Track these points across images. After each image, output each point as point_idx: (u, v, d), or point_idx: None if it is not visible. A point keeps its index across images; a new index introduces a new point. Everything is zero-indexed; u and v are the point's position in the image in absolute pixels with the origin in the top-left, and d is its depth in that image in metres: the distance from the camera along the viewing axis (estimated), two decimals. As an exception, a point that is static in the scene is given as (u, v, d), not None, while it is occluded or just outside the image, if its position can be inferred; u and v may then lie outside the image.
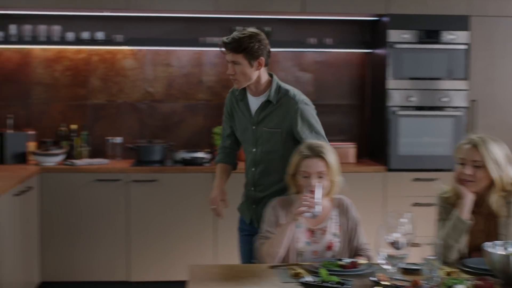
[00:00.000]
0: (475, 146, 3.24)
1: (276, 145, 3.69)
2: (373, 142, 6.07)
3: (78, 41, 5.82)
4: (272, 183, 3.73)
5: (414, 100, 5.63)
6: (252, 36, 3.61)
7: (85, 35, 5.80)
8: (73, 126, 5.90)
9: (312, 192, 3.20)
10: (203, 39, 5.88)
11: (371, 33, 6.07)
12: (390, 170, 5.65)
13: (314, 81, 6.17)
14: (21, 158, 5.67)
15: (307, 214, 3.17)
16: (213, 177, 5.40)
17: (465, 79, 5.67)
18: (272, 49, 5.92)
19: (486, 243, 2.92)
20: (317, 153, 3.31)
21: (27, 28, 5.76)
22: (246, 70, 3.61)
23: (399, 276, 2.80)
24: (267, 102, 3.69)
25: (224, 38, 3.62)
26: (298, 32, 6.05)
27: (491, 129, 5.68)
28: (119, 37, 5.84)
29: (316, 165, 3.29)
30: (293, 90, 3.76)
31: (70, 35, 5.79)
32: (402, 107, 5.64)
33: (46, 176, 5.40)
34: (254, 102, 3.74)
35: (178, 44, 5.96)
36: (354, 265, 2.97)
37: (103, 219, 5.44)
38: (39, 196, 5.37)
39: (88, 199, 5.41)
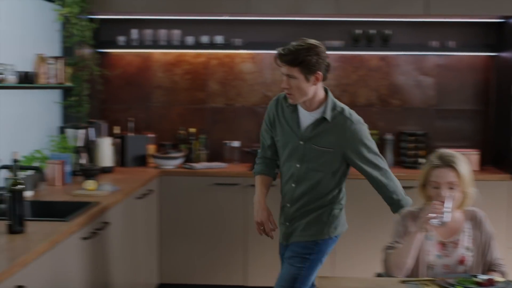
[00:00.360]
0: None
1: (325, 164, 3.49)
2: (497, 149, 5.83)
3: (198, 45, 5.87)
4: (311, 201, 3.57)
5: (544, 105, 5.39)
6: (310, 48, 3.43)
7: (205, 39, 5.84)
8: (192, 130, 5.96)
9: (442, 202, 3.08)
10: (323, 42, 5.79)
11: (497, 35, 5.83)
12: (516, 178, 5.43)
13: (435, 86, 6.00)
14: (141, 160, 5.77)
15: (435, 221, 3.04)
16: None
17: None
18: (392, 53, 5.91)
19: None
20: (447, 163, 3.18)
21: (148, 32, 5.86)
22: (302, 85, 3.42)
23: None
24: (322, 119, 3.49)
25: (280, 49, 3.43)
26: (419, 35, 5.90)
27: None
28: (238, 41, 5.85)
29: (446, 175, 3.16)
30: (348, 109, 3.56)
31: (190, 39, 5.84)
32: (530, 113, 5.42)
33: (165, 179, 5.47)
34: (307, 117, 3.53)
35: (296, 48, 5.91)
36: (491, 282, 2.83)
37: (221, 223, 5.46)
38: (159, 199, 5.44)
39: (206, 202, 5.45)
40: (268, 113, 3.70)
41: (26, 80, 4.38)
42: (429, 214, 3.04)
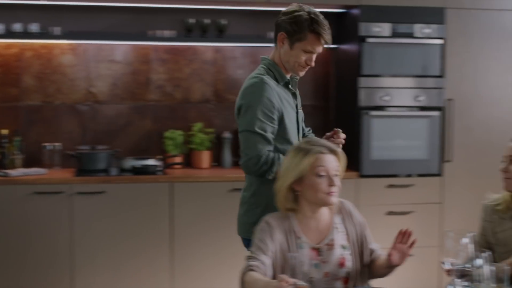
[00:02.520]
0: None
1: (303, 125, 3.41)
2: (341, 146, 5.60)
3: (9, 34, 5.17)
4: None
5: (387, 99, 5.22)
6: None
7: (17, 27, 5.16)
8: (4, 131, 5.24)
9: None
10: (153, 32, 5.32)
11: (337, 26, 5.61)
12: (362, 176, 5.22)
13: (274, 80, 5.69)
14: None
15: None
16: (168, 186, 4.89)
17: (440, 76, 5.31)
18: (228, 44, 5.52)
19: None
20: (331, 149, 2.85)
21: None
22: None
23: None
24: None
25: (326, 31, 3.19)
26: (257, 25, 5.55)
27: (469, 130, 5.37)
28: (57, 30, 5.22)
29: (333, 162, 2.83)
30: None
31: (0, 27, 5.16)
32: (374, 108, 5.22)
33: (-26, 189, 4.76)
34: (293, 81, 3.38)
35: (124, 38, 5.37)
36: None
37: (44, 237, 4.80)
38: (-33, 212, 4.73)
39: (25, 214, 4.77)
40: (271, 102, 3.14)
41: None
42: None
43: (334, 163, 2.82)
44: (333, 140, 3.28)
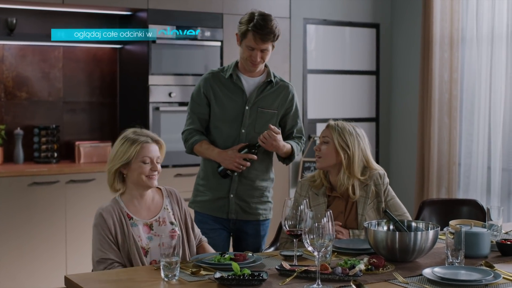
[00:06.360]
0: (328, 126, 3.54)
1: (267, 126, 3.70)
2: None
3: None
4: (257, 166, 3.76)
5: (176, 96, 5.68)
6: (273, 20, 3.65)
7: None
8: None
9: None
10: None
11: (122, 27, 5.96)
12: (156, 166, 5.61)
13: (63, 78, 5.90)
14: None
15: None
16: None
17: (220, 76, 5.85)
18: (17, 42, 5.66)
19: (365, 223, 3.11)
20: (154, 138, 3.29)
21: None
22: (269, 54, 3.72)
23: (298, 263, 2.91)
24: (268, 82, 3.77)
25: (255, 29, 3.56)
26: (45, 25, 5.73)
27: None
28: None
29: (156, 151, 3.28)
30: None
31: None
32: (163, 103, 5.66)
33: None
34: (250, 83, 3.77)
35: None
36: (244, 257, 2.96)
37: None
38: None
39: None
40: (200, 91, 3.78)
41: None
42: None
43: (157, 152, 3.27)
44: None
